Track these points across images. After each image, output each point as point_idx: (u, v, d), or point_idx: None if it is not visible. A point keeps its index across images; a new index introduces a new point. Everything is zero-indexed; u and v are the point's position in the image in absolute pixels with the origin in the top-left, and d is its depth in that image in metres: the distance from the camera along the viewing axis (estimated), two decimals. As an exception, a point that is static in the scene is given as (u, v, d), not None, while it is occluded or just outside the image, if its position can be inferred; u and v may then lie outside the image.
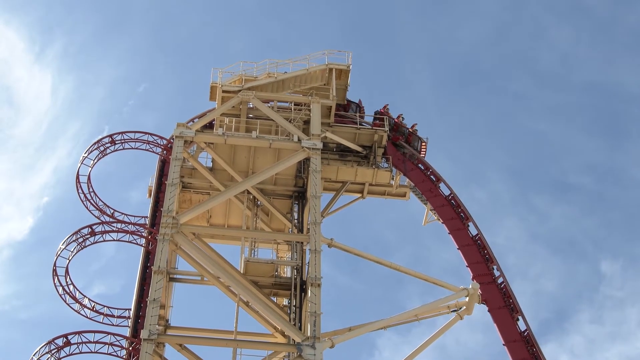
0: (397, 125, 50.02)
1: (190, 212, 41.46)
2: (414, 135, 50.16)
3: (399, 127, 50.07)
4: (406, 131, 50.19)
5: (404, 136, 50.13)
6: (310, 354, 35.83)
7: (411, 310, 43.31)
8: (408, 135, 50.26)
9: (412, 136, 50.29)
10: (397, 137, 49.78)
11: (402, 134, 50.10)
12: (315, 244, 39.82)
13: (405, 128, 50.22)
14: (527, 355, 42.53)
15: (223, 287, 41.42)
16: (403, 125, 50.32)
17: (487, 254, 46.22)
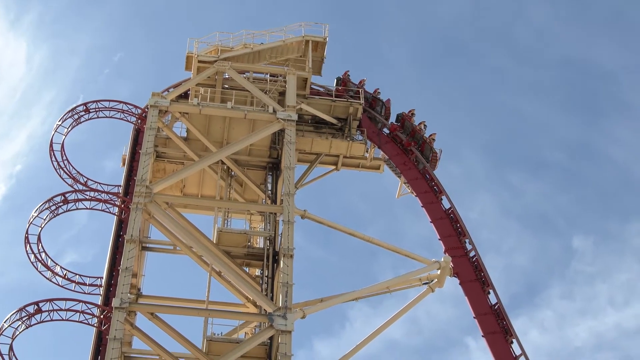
0: (414, 131, 49.94)
1: (163, 182, 41.41)
2: (427, 144, 49.92)
3: (414, 134, 50.00)
4: (420, 138, 50.03)
5: (417, 143, 50.07)
6: (281, 324, 35.92)
7: (383, 282, 43.52)
8: (422, 142, 50.05)
9: (424, 144, 50.10)
10: (409, 143, 49.75)
11: (416, 140, 50.00)
12: (288, 215, 39.90)
13: (419, 134, 50.09)
14: (497, 328, 42.84)
15: (195, 257, 41.49)
16: (418, 130, 50.17)
17: (460, 227, 46.44)
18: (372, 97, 51.00)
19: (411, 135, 49.63)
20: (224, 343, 37.68)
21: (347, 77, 51.12)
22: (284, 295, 36.97)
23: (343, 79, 51.04)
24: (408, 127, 49.77)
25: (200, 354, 37.08)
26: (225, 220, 42.66)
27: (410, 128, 49.84)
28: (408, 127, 49.80)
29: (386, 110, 50.81)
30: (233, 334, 40.35)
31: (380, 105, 50.77)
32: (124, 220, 41.91)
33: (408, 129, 49.75)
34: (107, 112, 48.66)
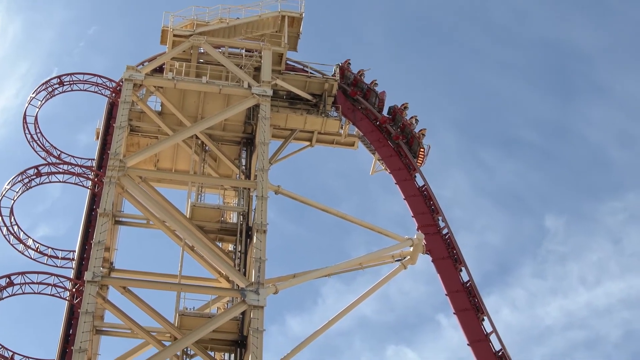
0: (404, 125, 49.65)
1: (137, 156, 41.32)
2: (415, 139, 49.69)
3: (404, 128, 49.73)
4: (409, 133, 49.77)
5: (406, 137, 49.85)
6: (253, 299, 35.99)
7: (356, 259, 43.63)
8: (410, 137, 49.77)
9: (413, 139, 49.84)
10: (398, 136, 49.48)
11: (405, 134, 49.76)
12: (262, 191, 39.92)
13: (409, 129, 49.83)
14: (469, 305, 43.10)
15: (169, 231, 41.42)
16: (408, 124, 49.91)
17: (433, 205, 46.62)
18: (367, 87, 50.80)
19: (401, 129, 49.46)
20: (196, 317, 37.74)
21: (346, 65, 51.07)
22: (256, 270, 37.01)
23: (342, 67, 51.00)
24: (399, 121, 49.59)
25: (172, 329, 37.14)
26: (198, 195, 42.62)
27: (401, 122, 49.65)
28: (399, 120, 49.62)
29: (379, 102, 50.55)
30: (205, 309, 40.26)
31: (374, 97, 50.58)
32: (97, 194, 41.83)
33: (399, 122, 49.58)
34: (81, 85, 48.50)
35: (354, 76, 50.86)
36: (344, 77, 50.79)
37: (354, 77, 50.78)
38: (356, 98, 50.29)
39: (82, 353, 33.43)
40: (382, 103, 50.55)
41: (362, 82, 50.73)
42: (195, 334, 35.69)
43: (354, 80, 50.62)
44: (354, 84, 50.69)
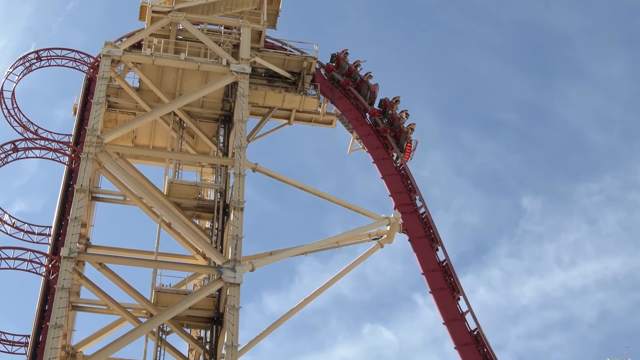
0: (393, 119, 49.39)
1: (115, 132, 41.23)
2: (403, 133, 49.42)
3: (393, 121, 49.39)
4: (398, 127, 49.46)
5: (394, 131, 49.52)
6: (230, 276, 36.04)
7: (332, 237, 43.74)
8: (398, 131, 49.40)
9: (401, 133, 49.59)
10: (386, 130, 49.00)
11: (394, 128, 49.41)
12: (239, 168, 39.91)
13: (398, 122, 49.43)
14: (445, 284, 43.23)
15: (146, 208, 41.41)
16: (397, 118, 49.48)
17: (411, 184, 46.68)
18: (360, 79, 50.59)
19: (390, 122, 49.28)
20: (172, 294, 37.80)
21: (343, 56, 50.97)
22: (233, 248, 37.05)
23: (338, 56, 50.93)
24: (389, 114, 49.46)
25: (148, 305, 37.19)
26: (176, 172, 42.56)
27: (390, 115, 49.45)
28: (388, 113, 49.48)
29: (371, 94, 50.28)
30: (182, 286, 40.29)
31: (367, 89, 50.38)
32: (74, 170, 41.63)
33: (389, 115, 49.42)
34: (59, 60, 48.18)
35: (349, 66, 50.73)
36: (339, 67, 50.74)
37: (348, 67, 50.68)
38: (348, 88, 50.13)
39: (57, 329, 33.46)
40: (373, 95, 50.25)
41: (356, 73, 50.55)
42: (172, 310, 35.74)
43: (348, 70, 50.53)
44: (347, 74, 50.57)
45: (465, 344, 41.59)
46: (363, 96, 50.05)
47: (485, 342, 41.33)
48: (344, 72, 50.60)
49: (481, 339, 41.48)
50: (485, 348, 41.14)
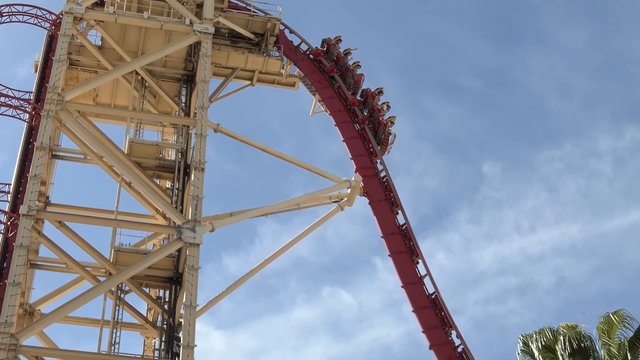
0: (373, 110, 48.70)
1: (76, 90, 41.03)
2: (382, 126, 48.69)
3: (373, 113, 48.69)
4: (377, 118, 48.82)
5: (373, 122, 48.91)
6: (189, 236, 36.07)
7: (293, 199, 43.91)
8: (377, 123, 48.61)
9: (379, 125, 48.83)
10: (364, 121, 48.27)
11: (373, 119, 48.64)
12: (201, 128, 39.84)
13: (377, 114, 48.40)
14: (404, 248, 43.49)
15: (106, 167, 41.29)
16: (377, 110, 48.83)
17: (372, 147, 46.80)
18: (346, 67, 50.25)
19: (370, 113, 48.85)
20: (131, 254, 37.76)
21: (334, 42, 50.73)
22: (193, 208, 37.07)
23: (329, 43, 50.72)
24: (369, 105, 49.07)
25: (107, 264, 37.16)
26: (137, 131, 42.41)
27: (371, 106, 48.96)
28: (370, 104, 49.11)
29: (355, 83, 49.90)
30: (141, 245, 40.27)
31: (351, 77, 50.01)
32: (34, 128, 41.43)
33: (369, 106, 49.08)
34: (21, 16, 47.83)
35: (338, 54, 50.49)
36: (329, 53, 50.56)
37: (337, 54, 50.43)
38: (332, 75, 49.89)
39: (15, 286, 33.39)
40: (357, 85, 49.92)
41: (344, 61, 50.21)
42: (131, 270, 35.76)
43: (336, 57, 50.31)
44: (335, 61, 50.33)
45: (422, 308, 41.92)
46: (347, 85, 49.75)
47: (442, 306, 41.67)
48: (332, 58, 50.43)
49: (439, 303, 41.81)
50: (442, 312, 41.48)
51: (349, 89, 49.46)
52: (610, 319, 35.04)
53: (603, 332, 35.05)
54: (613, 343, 34.87)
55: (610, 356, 34.35)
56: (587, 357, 35.03)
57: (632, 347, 34.98)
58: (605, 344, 34.71)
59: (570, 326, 35.96)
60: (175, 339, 36.07)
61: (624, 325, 35.10)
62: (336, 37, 51.28)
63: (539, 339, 35.71)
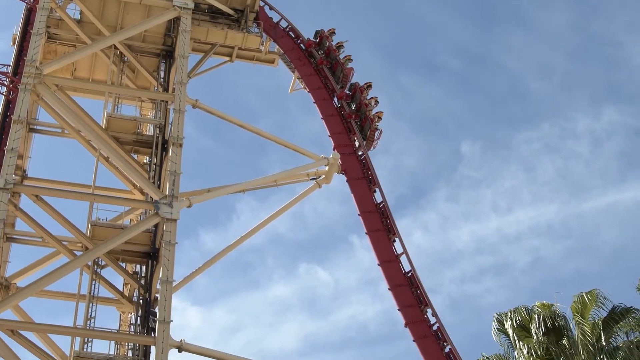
0: (360, 105, 48.59)
1: (54, 63, 40.87)
2: (368, 120, 48.45)
3: (360, 107, 48.43)
4: (364, 113, 48.45)
5: (360, 117, 48.69)
6: (167, 212, 36.03)
7: (271, 176, 43.94)
8: (364, 118, 48.23)
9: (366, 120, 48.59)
10: (351, 115, 47.91)
11: (360, 114, 48.38)
12: (179, 104, 39.77)
13: (365, 109, 48.09)
14: (381, 226, 43.65)
15: (83, 141, 41.12)
16: (365, 104, 48.52)
17: (350, 125, 46.84)
18: (336, 60, 50.01)
19: (357, 108, 48.53)
20: (108, 228, 37.73)
21: (327, 35, 50.51)
22: (171, 183, 37.02)
23: (322, 34, 50.54)
24: (357, 99, 48.76)
25: (84, 238, 37.11)
26: (115, 106, 42.30)
27: (359, 100, 48.68)
28: (357, 98, 48.77)
29: (343, 77, 49.66)
30: (118, 220, 40.28)
31: (340, 71, 49.77)
32: (12, 101, 41.11)
33: (357, 100, 48.77)
34: (-1, -11, 47.45)
35: (329, 46, 50.31)
36: (321, 45, 50.42)
37: (328, 46, 50.26)
38: (322, 67, 49.72)
39: (-9, 259, 33.36)
40: (345, 79, 49.65)
41: (334, 54, 50.01)
42: (107, 244, 35.69)
43: (327, 49, 50.15)
44: (326, 54, 50.18)
45: (399, 286, 42.10)
46: (336, 78, 49.52)
47: (418, 284, 41.85)
48: (324, 50, 50.30)
49: (415, 281, 41.98)
50: (418, 290, 41.67)
51: (337, 83, 49.28)
52: (584, 299, 35.42)
53: (577, 311, 35.42)
54: (587, 323, 35.21)
55: (584, 335, 34.68)
56: (561, 336, 35.39)
57: (605, 326, 35.35)
58: (579, 323, 35.04)
59: (545, 305, 36.30)
60: (151, 314, 36.11)
61: (598, 305, 35.46)
62: (330, 29, 51.13)
63: (514, 318, 36.05)
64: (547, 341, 34.99)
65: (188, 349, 34.41)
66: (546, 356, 34.88)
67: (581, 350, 34.70)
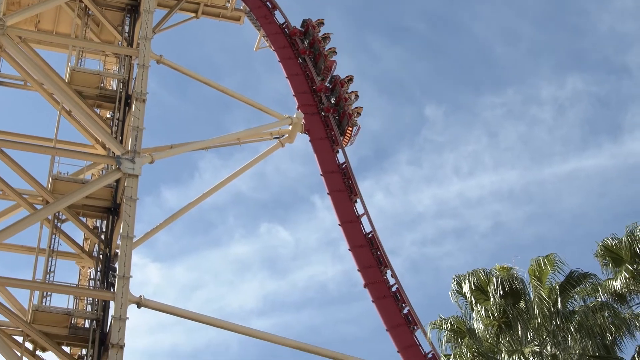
0: (339, 99, 47.89)
1: (17, 15, 40.35)
2: (346, 116, 47.79)
3: (339, 102, 47.88)
4: (342, 108, 47.73)
5: (337, 112, 47.96)
6: (128, 167, 35.87)
7: (234, 134, 43.86)
8: (342, 112, 47.70)
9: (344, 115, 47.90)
10: (329, 109, 47.44)
11: (338, 109, 47.91)
12: (143, 59, 39.46)
13: (343, 104, 47.71)
14: (343, 187, 43.84)
15: (46, 94, 40.84)
16: (345, 99, 47.94)
17: (314, 85, 46.80)
18: (319, 52, 49.57)
19: (336, 102, 48.19)
20: (69, 182, 37.48)
21: (315, 24, 50.13)
22: (133, 139, 36.82)
23: (308, 23, 50.13)
24: (337, 92, 48.37)
25: (44, 192, 36.88)
26: (79, 60, 41.95)
27: (338, 94, 48.29)
28: (337, 91, 48.38)
29: (325, 68, 49.35)
30: (80, 175, 40.04)
31: (322, 63, 49.36)
32: (-27, 53, 40.80)
33: (337, 93, 48.40)
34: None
35: (314, 37, 49.90)
36: (306, 34, 50.03)
37: (313, 37, 49.86)
38: (304, 57, 49.34)
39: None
40: (327, 71, 49.33)
41: (319, 44, 49.66)
42: (68, 198, 35.47)
43: (312, 40, 49.79)
44: (310, 44, 49.81)
45: (359, 246, 42.37)
46: (317, 70, 49.20)
47: (379, 245, 42.11)
48: (309, 40, 49.97)
49: (375, 242, 42.24)
50: (379, 251, 41.94)
51: (318, 75, 48.97)
52: (542, 263, 35.70)
53: (534, 275, 35.71)
54: (544, 287, 35.56)
55: (541, 299, 35.02)
56: (519, 299, 35.71)
57: (562, 291, 35.71)
58: (535, 287, 35.36)
59: (504, 268, 36.57)
60: (111, 269, 36.03)
61: (555, 269, 35.80)
62: (318, 19, 50.86)
63: (472, 280, 36.31)
64: (504, 304, 35.27)
65: (147, 304, 34.45)
66: (503, 318, 35.19)
67: (537, 313, 35.06)
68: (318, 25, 50.49)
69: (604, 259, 36.93)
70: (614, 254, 36.72)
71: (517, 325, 35.07)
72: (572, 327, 34.33)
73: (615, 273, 36.31)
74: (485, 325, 35.61)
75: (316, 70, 49.21)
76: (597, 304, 35.60)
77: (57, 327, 33.97)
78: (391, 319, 40.51)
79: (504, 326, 35.28)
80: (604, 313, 35.02)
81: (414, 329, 40.48)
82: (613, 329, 35.05)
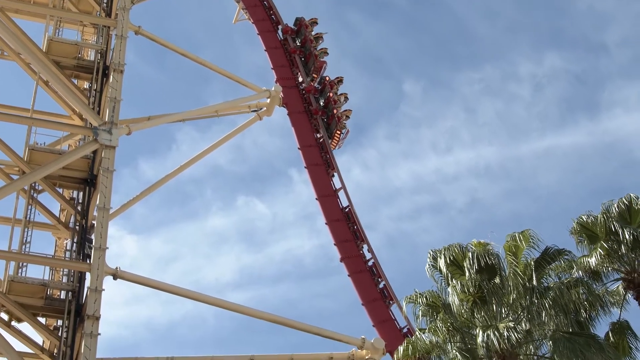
0: (328, 101, 47.80)
1: (-6, -17, 40.11)
2: (335, 119, 47.40)
3: (328, 104, 47.75)
4: (331, 110, 47.53)
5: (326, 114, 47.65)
6: (106, 138, 35.78)
7: (212, 106, 43.78)
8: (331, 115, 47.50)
9: (333, 118, 47.54)
10: (317, 111, 47.15)
11: (327, 111, 47.67)
12: (122, 30, 39.32)
13: (332, 106, 47.65)
14: (320, 160, 43.89)
15: (23, 64, 40.55)
16: (334, 101, 47.84)
17: (293, 59, 46.68)
18: (310, 52, 49.28)
19: (325, 104, 48.04)
20: (46, 153, 37.44)
21: (308, 24, 49.81)
22: (110, 110, 36.73)
23: (301, 22, 49.75)
24: (326, 94, 48.25)
25: (21, 163, 36.76)
26: (56, 30, 41.67)
27: (327, 96, 48.10)
28: (326, 93, 48.27)
29: (315, 69, 49.12)
30: (56, 145, 39.88)
31: (312, 63, 49.07)
32: (-50, 20, 40.42)
33: (326, 95, 48.26)
34: None
35: (305, 36, 49.56)
36: (299, 33, 49.74)
37: (304, 36, 49.53)
38: (294, 56, 49.01)
39: None
40: (317, 71, 49.11)
41: (310, 44, 49.36)
42: (45, 169, 35.37)
43: (303, 39, 49.49)
44: (302, 43, 49.50)
45: (336, 220, 42.48)
46: (307, 69, 48.92)
47: (356, 219, 42.21)
48: (301, 39, 49.68)
49: (352, 217, 42.33)
50: (355, 225, 42.04)
51: (308, 75, 48.73)
52: (517, 239, 35.74)
53: (510, 250, 35.77)
54: (519, 262, 35.63)
55: (516, 275, 35.11)
56: (494, 274, 35.77)
57: (537, 267, 35.78)
58: (511, 263, 35.43)
59: (480, 244, 36.59)
60: (87, 240, 35.99)
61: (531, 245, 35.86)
62: (312, 19, 50.61)
63: (448, 255, 36.33)
64: (479, 279, 35.35)
65: (123, 276, 34.43)
66: (478, 294, 35.25)
67: (512, 289, 35.16)
68: (311, 25, 50.27)
69: (580, 236, 36.91)
70: (589, 231, 36.70)
71: (492, 301, 35.15)
72: (546, 303, 34.36)
73: (590, 250, 36.30)
74: (461, 300, 35.68)
75: (306, 70, 49.00)
76: (571, 281, 35.64)
77: (33, 297, 33.96)
78: (367, 293, 40.65)
79: (479, 301, 35.35)
80: (578, 290, 35.05)
81: (389, 303, 40.64)
82: (587, 305, 35.14)
